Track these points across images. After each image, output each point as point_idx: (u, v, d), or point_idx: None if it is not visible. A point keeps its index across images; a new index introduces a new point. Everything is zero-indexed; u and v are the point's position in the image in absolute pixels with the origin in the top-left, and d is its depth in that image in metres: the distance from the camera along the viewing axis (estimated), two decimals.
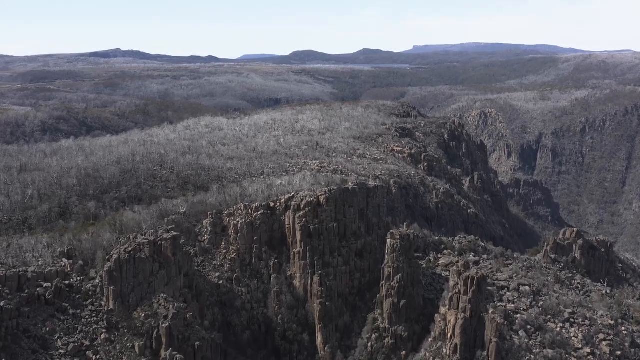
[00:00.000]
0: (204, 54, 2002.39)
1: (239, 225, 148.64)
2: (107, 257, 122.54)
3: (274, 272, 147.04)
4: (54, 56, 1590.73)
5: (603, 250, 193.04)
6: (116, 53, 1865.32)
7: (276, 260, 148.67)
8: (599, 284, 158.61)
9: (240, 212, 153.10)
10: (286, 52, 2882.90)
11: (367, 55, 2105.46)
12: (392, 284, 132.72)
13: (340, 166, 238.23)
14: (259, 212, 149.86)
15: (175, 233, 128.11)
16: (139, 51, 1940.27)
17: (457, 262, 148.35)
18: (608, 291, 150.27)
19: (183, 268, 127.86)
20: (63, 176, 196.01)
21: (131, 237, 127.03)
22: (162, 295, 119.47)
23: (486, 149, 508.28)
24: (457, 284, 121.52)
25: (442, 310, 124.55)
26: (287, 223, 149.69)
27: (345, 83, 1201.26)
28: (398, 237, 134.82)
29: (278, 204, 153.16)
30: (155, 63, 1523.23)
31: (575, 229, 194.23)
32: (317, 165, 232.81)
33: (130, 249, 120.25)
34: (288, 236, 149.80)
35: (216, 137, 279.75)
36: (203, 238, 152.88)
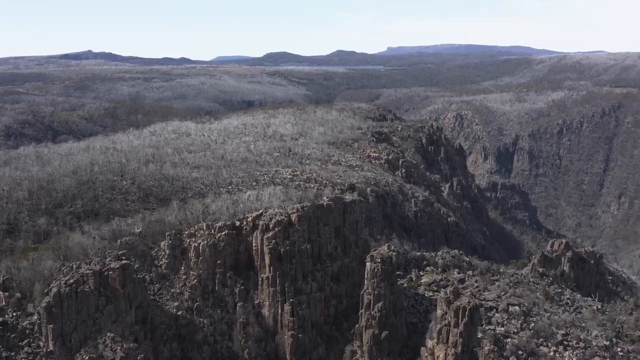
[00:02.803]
0: (176, 56, 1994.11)
1: (201, 248, 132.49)
2: (46, 291, 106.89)
3: (239, 300, 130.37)
4: (25, 58, 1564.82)
5: (592, 262, 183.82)
6: (88, 55, 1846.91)
7: (242, 287, 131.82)
8: (590, 298, 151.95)
9: (202, 232, 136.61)
10: (260, 53, 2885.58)
11: (341, 56, 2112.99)
12: (372, 313, 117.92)
13: (314, 174, 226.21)
14: (223, 233, 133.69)
15: (124, 261, 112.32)
16: (111, 53, 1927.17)
17: (441, 280, 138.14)
18: (599, 306, 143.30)
19: (135, 300, 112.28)
20: (14, 188, 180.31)
21: (74, 266, 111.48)
22: (109, 334, 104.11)
23: (465, 153, 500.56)
24: (446, 313, 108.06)
25: (430, 343, 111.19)
26: (254, 245, 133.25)
27: (319, 85, 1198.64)
28: (379, 260, 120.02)
29: (244, 223, 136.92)
30: (127, 65, 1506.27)
31: (563, 241, 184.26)
32: (290, 174, 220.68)
33: (72, 281, 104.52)
34: (256, 259, 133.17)
35: (182, 144, 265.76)
36: (160, 262, 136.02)
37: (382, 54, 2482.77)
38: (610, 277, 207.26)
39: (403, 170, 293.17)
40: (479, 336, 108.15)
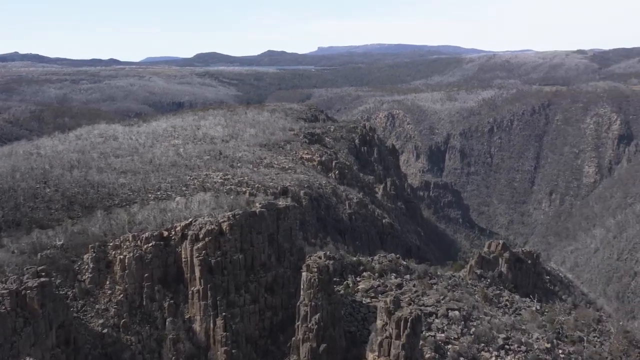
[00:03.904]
0: (105, 57, 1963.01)
1: (127, 260, 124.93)
2: None
3: (169, 315, 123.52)
4: None
5: (530, 262, 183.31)
6: (14, 56, 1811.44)
7: (172, 301, 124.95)
8: (528, 299, 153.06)
9: (127, 243, 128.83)
10: (190, 54, 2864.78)
11: (272, 56, 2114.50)
12: (309, 325, 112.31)
13: (246, 178, 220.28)
14: (150, 244, 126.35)
15: (43, 279, 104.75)
16: (38, 54, 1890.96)
17: (379, 286, 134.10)
18: (538, 307, 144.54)
19: (56, 320, 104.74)
20: None
21: None
22: (28, 358, 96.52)
23: (398, 153, 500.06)
24: (387, 324, 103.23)
25: (370, 356, 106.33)
26: (183, 256, 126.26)
27: (250, 85, 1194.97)
28: (315, 269, 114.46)
29: (173, 233, 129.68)
30: (55, 67, 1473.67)
31: (500, 241, 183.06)
32: (221, 178, 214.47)
33: None
34: (185, 272, 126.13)
35: (109, 148, 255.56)
36: (83, 277, 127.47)
37: (312, 53, 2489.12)
38: (548, 277, 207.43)
39: (336, 172, 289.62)
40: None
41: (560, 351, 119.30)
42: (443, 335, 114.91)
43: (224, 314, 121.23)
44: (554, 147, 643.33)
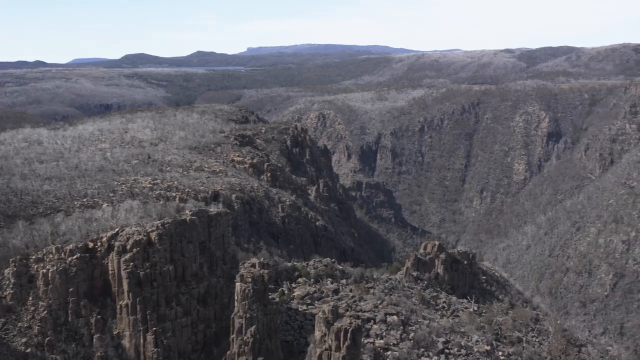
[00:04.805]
0: (31, 59, 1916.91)
1: (50, 274, 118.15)
2: None
3: (96, 331, 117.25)
4: None
5: (466, 262, 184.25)
6: None
7: (99, 317, 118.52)
8: (465, 300, 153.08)
9: (51, 256, 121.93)
10: (118, 55, 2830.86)
11: (201, 57, 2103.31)
12: (244, 338, 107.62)
13: (176, 182, 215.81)
14: (75, 256, 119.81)
15: None
16: None
17: (315, 292, 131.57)
18: (476, 308, 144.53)
19: None
20: None
21: None
22: None
23: (330, 154, 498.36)
24: (326, 335, 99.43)
25: None
26: (110, 268, 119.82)
27: (179, 86, 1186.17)
28: (249, 279, 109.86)
29: (99, 244, 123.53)
30: None
31: (436, 242, 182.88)
32: (149, 183, 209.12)
33: None
34: (113, 285, 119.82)
35: (34, 153, 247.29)
36: (5, 293, 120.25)
37: (242, 54, 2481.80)
38: (484, 277, 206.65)
39: (268, 174, 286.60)
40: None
41: (500, 353, 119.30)
42: (382, 341, 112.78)
43: (154, 328, 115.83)
44: (484, 145, 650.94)
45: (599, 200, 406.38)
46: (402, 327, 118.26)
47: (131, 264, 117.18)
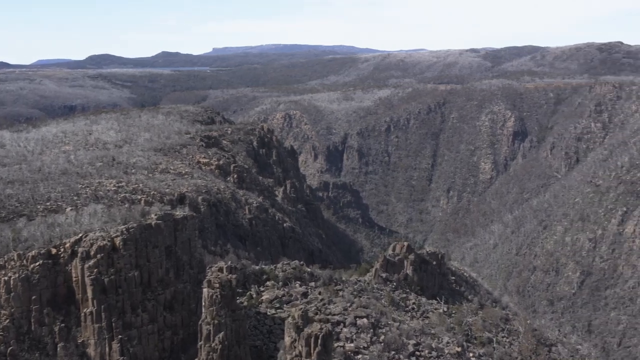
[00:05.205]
0: None
1: (12, 282, 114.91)
2: None
3: (60, 340, 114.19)
4: None
5: (435, 263, 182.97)
6: None
7: (63, 325, 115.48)
8: (435, 301, 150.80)
9: (12, 263, 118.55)
10: (82, 56, 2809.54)
11: (166, 58, 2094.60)
12: (213, 345, 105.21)
13: (141, 185, 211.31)
14: (37, 263, 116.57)
15: None
16: None
17: (284, 296, 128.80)
18: (445, 309, 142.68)
19: None
20: None
21: None
22: None
23: (297, 154, 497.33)
24: (296, 341, 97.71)
25: None
26: (74, 275, 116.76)
27: (144, 87, 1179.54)
28: (217, 285, 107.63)
29: (62, 250, 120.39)
30: None
31: (405, 243, 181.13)
32: (114, 185, 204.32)
33: None
34: (77, 292, 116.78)
35: None
36: None
37: (207, 54, 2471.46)
38: (453, 277, 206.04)
39: (235, 176, 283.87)
40: None
41: (471, 354, 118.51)
42: (352, 345, 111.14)
43: (120, 336, 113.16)
44: (451, 144, 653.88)
45: (565, 198, 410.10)
46: (372, 330, 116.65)
47: (95, 270, 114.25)
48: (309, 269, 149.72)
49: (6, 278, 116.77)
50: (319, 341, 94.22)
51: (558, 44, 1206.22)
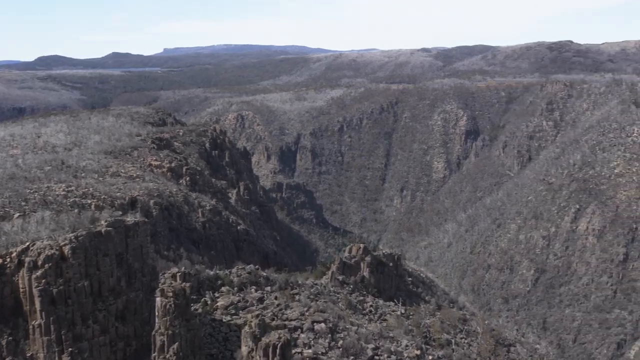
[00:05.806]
0: None
1: None
2: None
3: (8, 354, 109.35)
4: None
5: (391, 264, 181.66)
6: None
7: (10, 338, 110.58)
8: (392, 303, 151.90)
9: None
10: (31, 57, 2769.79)
11: (117, 59, 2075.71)
12: (167, 356, 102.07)
13: (91, 189, 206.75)
14: None
15: None
16: None
17: (239, 301, 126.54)
18: (403, 311, 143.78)
19: None
20: None
21: None
22: None
23: (250, 155, 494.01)
24: (253, 351, 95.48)
25: None
26: (21, 286, 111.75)
27: (94, 88, 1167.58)
28: (170, 294, 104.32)
29: (8, 260, 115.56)
30: None
31: (361, 245, 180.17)
32: (63, 190, 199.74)
33: None
34: (24, 304, 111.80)
35: None
36: None
37: (158, 55, 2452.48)
38: (410, 278, 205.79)
39: (187, 179, 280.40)
40: None
41: (430, 357, 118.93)
42: (310, 350, 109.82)
43: (70, 349, 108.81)
44: (403, 144, 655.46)
45: (518, 196, 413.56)
46: (330, 335, 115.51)
47: (43, 280, 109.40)
48: (264, 273, 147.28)
49: None
50: (277, 351, 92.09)
51: (509, 43, 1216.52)
